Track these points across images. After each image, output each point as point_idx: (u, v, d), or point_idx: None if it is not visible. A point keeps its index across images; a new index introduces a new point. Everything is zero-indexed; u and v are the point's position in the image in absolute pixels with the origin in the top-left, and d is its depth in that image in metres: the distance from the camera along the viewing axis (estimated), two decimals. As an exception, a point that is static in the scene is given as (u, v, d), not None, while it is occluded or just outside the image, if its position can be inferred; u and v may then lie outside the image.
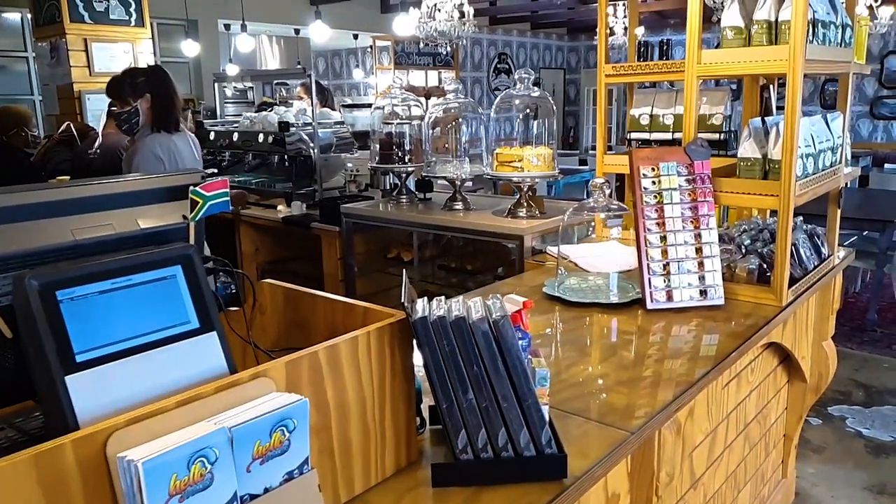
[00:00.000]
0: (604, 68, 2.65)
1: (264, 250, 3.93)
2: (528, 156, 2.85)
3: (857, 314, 5.10)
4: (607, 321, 1.95)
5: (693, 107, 2.10)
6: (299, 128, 3.85)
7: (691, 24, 2.04)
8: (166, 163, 2.64)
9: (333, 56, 11.83)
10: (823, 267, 2.34)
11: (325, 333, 1.21)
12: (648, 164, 2.04)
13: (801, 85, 1.88)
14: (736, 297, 2.07)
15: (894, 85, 10.09)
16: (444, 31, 6.49)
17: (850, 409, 3.70)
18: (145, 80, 2.78)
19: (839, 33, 2.12)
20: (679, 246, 1.99)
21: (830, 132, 2.25)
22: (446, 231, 2.96)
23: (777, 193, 1.95)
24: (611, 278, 2.19)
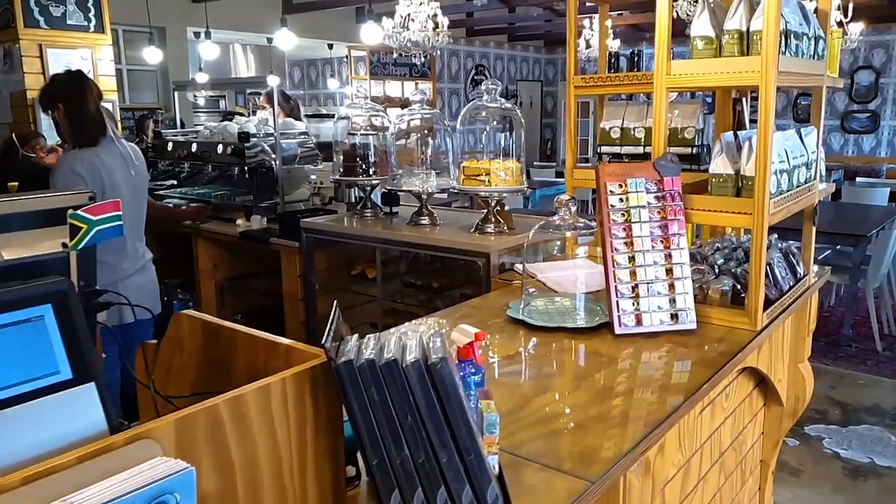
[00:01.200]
0: (573, 80, 2.55)
1: (223, 266, 3.77)
2: (496, 169, 2.73)
3: (832, 329, 5.05)
4: (573, 348, 1.83)
5: (662, 120, 1.99)
6: (261, 138, 3.70)
7: (660, 33, 1.94)
8: (88, 180, 2.39)
9: (309, 65, 11.70)
10: (799, 287, 2.24)
11: (246, 375, 1.07)
12: (616, 181, 1.92)
13: (774, 98, 1.78)
14: (709, 320, 1.96)
15: (864, 100, 10.19)
16: (417, 41, 6.40)
17: (827, 429, 3.62)
18: (57, 88, 2.53)
19: (812, 45, 2.03)
20: (648, 267, 1.88)
21: (804, 147, 2.16)
22: (410, 247, 2.83)
23: (750, 211, 1.84)
24: (578, 300, 2.07)
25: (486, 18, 10.20)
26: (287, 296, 3.31)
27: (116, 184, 2.48)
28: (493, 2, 8.20)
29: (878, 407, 3.85)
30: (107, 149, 2.50)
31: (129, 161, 2.54)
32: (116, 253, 2.50)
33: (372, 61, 9.55)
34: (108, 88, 4.58)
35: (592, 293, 2.10)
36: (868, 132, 10.25)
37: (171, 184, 4.13)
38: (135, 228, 2.60)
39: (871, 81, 10.08)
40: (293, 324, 3.32)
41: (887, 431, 3.57)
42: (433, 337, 1.01)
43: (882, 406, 3.86)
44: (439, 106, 10.86)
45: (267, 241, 3.32)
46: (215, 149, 3.60)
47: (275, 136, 3.55)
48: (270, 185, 3.65)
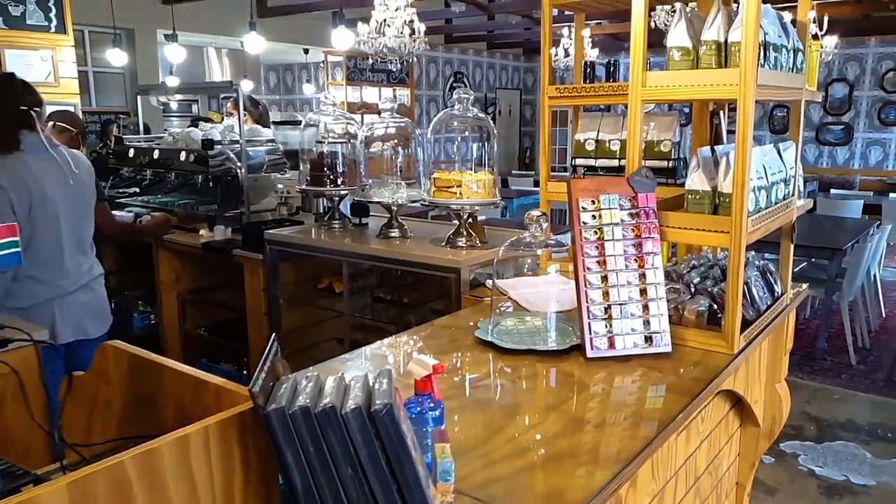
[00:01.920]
0: (547, 90, 2.47)
1: (186, 278, 3.63)
2: (468, 181, 2.64)
3: (808, 342, 5.03)
4: (543, 372, 1.74)
5: (637, 134, 1.91)
6: (226, 145, 3.57)
7: (635, 43, 1.86)
8: (11, 190, 2.17)
9: (285, 70, 11.55)
10: (777, 306, 2.18)
11: (175, 415, 0.96)
12: (588, 197, 1.84)
13: (753, 112, 1.71)
14: (685, 342, 1.89)
15: (838, 112, 10.29)
16: (393, 47, 6.30)
17: (803, 446, 3.57)
18: None
19: (791, 58, 1.97)
20: (622, 287, 1.80)
21: (783, 162, 2.09)
22: (377, 261, 2.73)
23: (727, 230, 1.77)
24: (549, 320, 1.98)
25: (464, 25, 10.14)
26: (250, 310, 3.18)
27: (48, 195, 2.27)
28: (471, 9, 8.14)
29: (852, 423, 3.81)
30: (38, 156, 2.27)
31: (68, 170, 2.32)
32: (52, 269, 2.32)
33: (349, 67, 9.43)
34: (69, 91, 4.42)
35: (565, 312, 2.02)
36: (842, 144, 10.35)
37: (134, 192, 3.98)
38: (76, 242, 2.40)
39: (844, 94, 10.19)
40: (257, 340, 3.20)
41: (862, 448, 3.53)
42: (380, 378, 0.91)
43: (856, 421, 3.82)
44: (417, 113, 10.77)
45: (230, 252, 3.19)
46: (178, 156, 3.46)
47: (240, 143, 3.42)
48: (236, 195, 3.52)
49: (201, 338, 3.70)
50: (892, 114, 9.92)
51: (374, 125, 2.90)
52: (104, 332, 2.46)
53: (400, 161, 2.88)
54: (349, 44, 5.57)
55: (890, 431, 3.70)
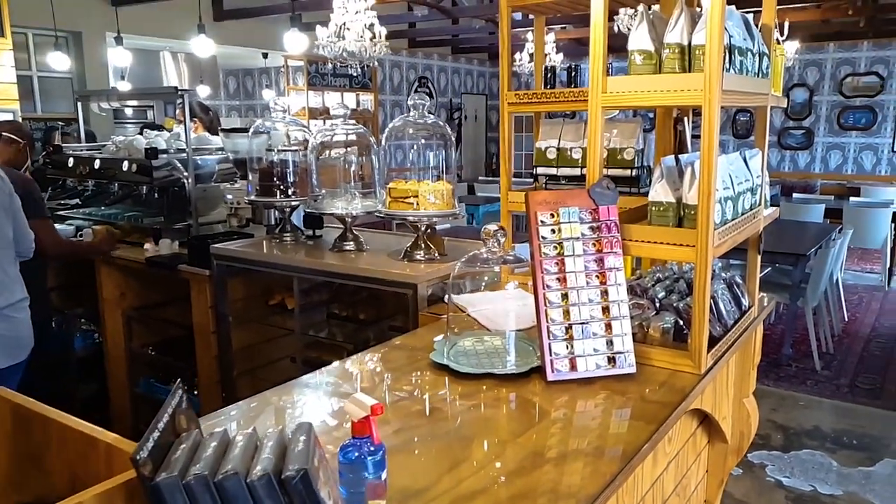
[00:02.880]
0: (506, 96, 2.36)
1: (131, 294, 3.43)
2: (424, 192, 2.52)
3: (773, 348, 5.01)
4: (501, 399, 1.62)
5: (597, 142, 1.82)
6: (172, 154, 3.40)
7: (595, 46, 1.76)
8: None
9: (245, 75, 11.32)
10: (745, 320, 2.10)
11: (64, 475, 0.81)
12: (547, 210, 1.73)
13: (719, 119, 1.62)
14: (650, 361, 1.79)
15: (799, 116, 10.44)
16: (353, 51, 6.15)
17: (770, 455, 3.52)
18: None
19: (756, 62, 1.89)
20: (583, 305, 1.69)
21: (749, 171, 2.02)
22: (328, 276, 2.59)
23: (693, 243, 1.68)
24: (508, 339, 1.86)
25: (428, 30, 10.04)
26: (198, 329, 3.01)
27: None
28: (434, 12, 8.03)
29: (818, 430, 3.78)
30: None
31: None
32: None
33: (309, 71, 9.24)
34: (8, 97, 4.20)
35: (526, 330, 1.91)
36: (803, 148, 10.49)
37: (76, 203, 3.77)
38: None
39: (805, 99, 10.34)
40: (205, 360, 3.03)
41: (828, 456, 3.49)
42: (297, 434, 0.78)
43: (822, 429, 3.79)
44: (381, 118, 10.62)
45: (175, 268, 3.02)
46: (120, 166, 3.27)
47: (187, 151, 3.25)
48: (183, 206, 3.34)
49: (148, 357, 3.51)
50: (851, 118, 10.09)
51: (325, 132, 2.75)
52: (19, 361, 2.27)
53: (353, 170, 2.74)
54: (304, 47, 5.43)
55: (855, 438, 3.67)
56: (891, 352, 5.04)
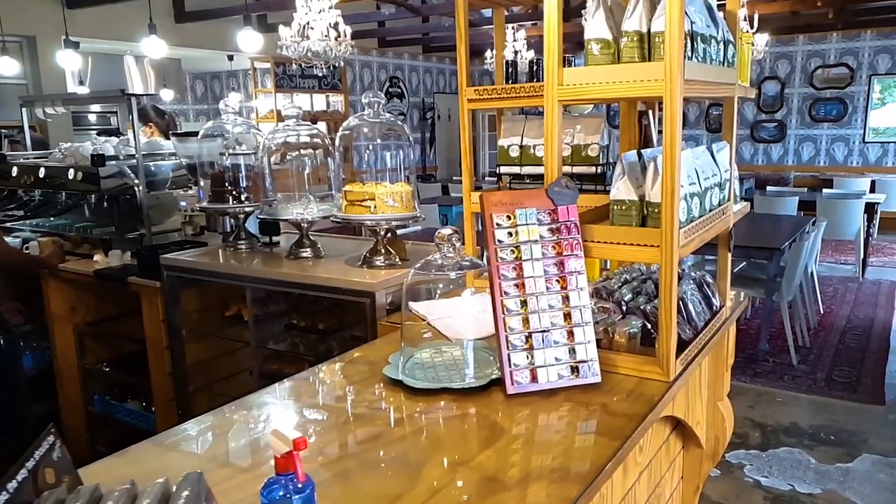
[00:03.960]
0: (465, 92, 2.25)
1: (83, 309, 3.27)
2: (382, 195, 2.40)
3: (749, 343, 4.96)
4: (458, 416, 1.51)
5: (555, 139, 1.71)
6: (122, 161, 3.24)
7: (549, 36, 1.66)
8: None
9: (212, 78, 11.10)
10: (716, 321, 2.00)
11: None
12: (503, 212, 1.62)
13: (680, 110, 1.52)
14: (616, 369, 1.69)
15: (771, 109, 10.46)
16: (318, 51, 6.01)
17: (748, 455, 3.45)
18: None
19: (721, 50, 1.80)
20: (543, 312, 1.58)
21: (717, 165, 1.92)
22: (281, 286, 2.46)
23: (657, 244, 1.57)
24: (467, 350, 1.75)
25: (398, 28, 9.90)
26: (150, 343, 2.86)
27: None
28: (402, 11, 7.90)
29: (796, 426, 3.72)
30: None
31: None
32: None
33: (277, 73, 9.07)
34: (-49, 104, 3.99)
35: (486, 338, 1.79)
36: (776, 141, 10.52)
37: (22, 213, 3.59)
38: None
39: (776, 92, 10.36)
40: (158, 376, 2.88)
41: (806, 453, 3.43)
42: (182, 486, 0.66)
43: (800, 425, 3.73)
44: (352, 119, 10.47)
45: (125, 280, 2.87)
46: (66, 174, 3.11)
47: (137, 157, 3.10)
48: (135, 215, 3.19)
49: (103, 374, 3.35)
50: (822, 110, 10.13)
51: (276, 134, 2.62)
52: None
53: (308, 173, 2.61)
54: (259, 47, 5.28)
55: (833, 434, 3.61)
56: (866, 343, 5.02)
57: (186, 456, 1.36)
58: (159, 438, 1.43)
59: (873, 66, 9.73)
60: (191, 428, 1.46)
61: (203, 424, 1.49)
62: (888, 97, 10.01)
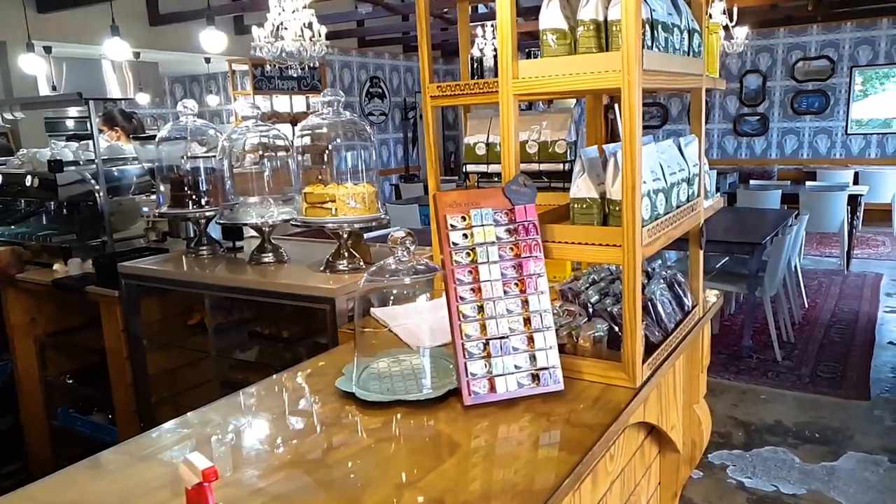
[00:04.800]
0: (428, 88, 2.16)
1: (43, 320, 3.16)
2: (343, 196, 2.31)
3: (733, 339, 4.90)
4: (411, 432, 1.42)
5: (511, 135, 1.63)
6: (83, 166, 3.14)
7: (503, 27, 1.58)
8: None
9: (191, 81, 10.97)
10: (688, 322, 1.93)
11: None
12: (457, 213, 1.54)
13: (640, 103, 1.45)
14: (581, 375, 1.61)
15: (753, 102, 10.44)
16: (292, 52, 5.91)
17: (731, 455, 3.38)
18: None
19: (685, 39, 1.72)
20: (501, 318, 1.50)
21: (685, 160, 1.85)
22: (238, 293, 2.36)
23: (619, 243, 1.50)
24: (424, 357, 1.67)
25: (377, 28, 9.80)
26: (110, 354, 2.76)
27: None
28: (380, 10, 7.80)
29: (780, 424, 3.66)
30: None
31: None
32: None
33: (255, 75, 8.95)
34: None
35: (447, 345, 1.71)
36: (758, 134, 10.50)
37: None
38: None
39: (758, 85, 10.34)
40: (120, 388, 2.78)
41: (790, 452, 3.37)
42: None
43: (784, 423, 3.67)
44: (333, 120, 10.36)
45: (83, 290, 2.76)
46: (23, 181, 3.01)
47: (97, 163, 3.00)
48: (97, 221, 3.08)
49: (66, 386, 3.24)
50: (804, 103, 10.12)
51: (235, 135, 2.53)
52: None
53: (268, 175, 2.52)
54: (222, 47, 5.20)
55: (818, 431, 3.55)
56: (851, 337, 4.97)
57: (107, 483, 1.27)
58: (88, 463, 1.35)
59: (854, 57, 9.72)
60: (112, 454, 1.38)
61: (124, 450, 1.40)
62: (871, 89, 10.02)
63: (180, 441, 1.43)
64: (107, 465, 1.35)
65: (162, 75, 10.52)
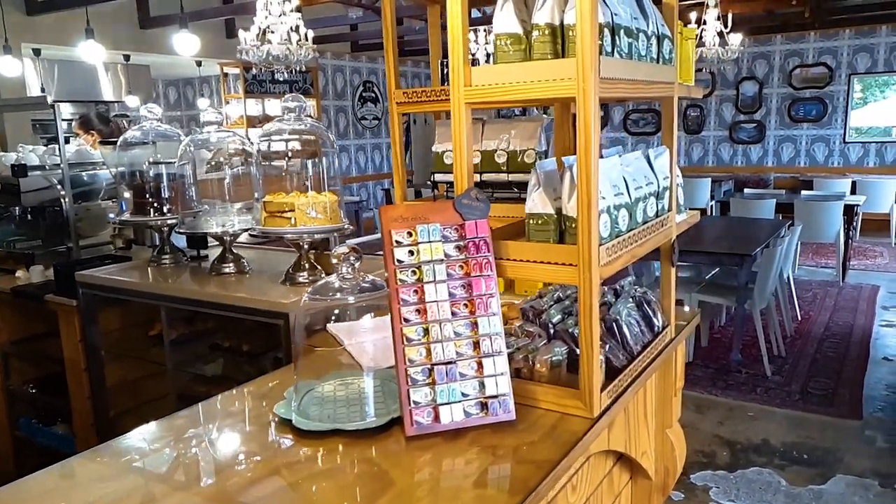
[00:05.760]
0: (394, 94, 2.08)
1: (7, 328, 3.06)
2: (302, 205, 2.21)
3: (722, 352, 4.79)
4: (345, 464, 1.32)
5: (463, 146, 1.53)
6: (49, 170, 3.05)
7: (453, 30, 1.48)
8: None
9: (185, 85, 10.89)
10: (658, 343, 1.83)
11: None
12: (403, 227, 1.44)
13: (597, 113, 1.35)
14: (536, 402, 1.51)
15: (749, 110, 10.35)
16: (278, 55, 5.83)
17: (714, 476, 3.27)
18: None
19: (652, 45, 1.63)
20: (448, 342, 1.40)
21: (654, 173, 1.75)
22: (193, 305, 2.27)
23: (575, 262, 1.40)
24: (366, 383, 1.57)
25: (371, 32, 9.71)
26: (69, 365, 2.66)
27: None
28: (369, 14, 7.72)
29: (767, 444, 3.54)
30: None
31: None
32: None
33: (246, 78, 8.87)
34: None
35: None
36: (755, 142, 10.40)
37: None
38: None
39: (755, 92, 10.24)
40: (79, 401, 2.69)
41: (776, 473, 3.26)
42: None
43: (771, 442, 3.56)
44: (325, 125, 10.27)
45: (41, 298, 2.67)
46: (-15, 185, 2.92)
47: (62, 167, 2.91)
48: (64, 227, 2.99)
49: (29, 395, 3.14)
50: (802, 110, 10.02)
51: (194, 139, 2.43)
52: None
53: (228, 182, 2.43)
54: (195, 49, 5.13)
55: (806, 452, 3.44)
56: (845, 351, 4.86)
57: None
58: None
59: (852, 65, 9.62)
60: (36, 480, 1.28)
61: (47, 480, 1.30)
62: (870, 96, 9.92)
63: (101, 476, 1.33)
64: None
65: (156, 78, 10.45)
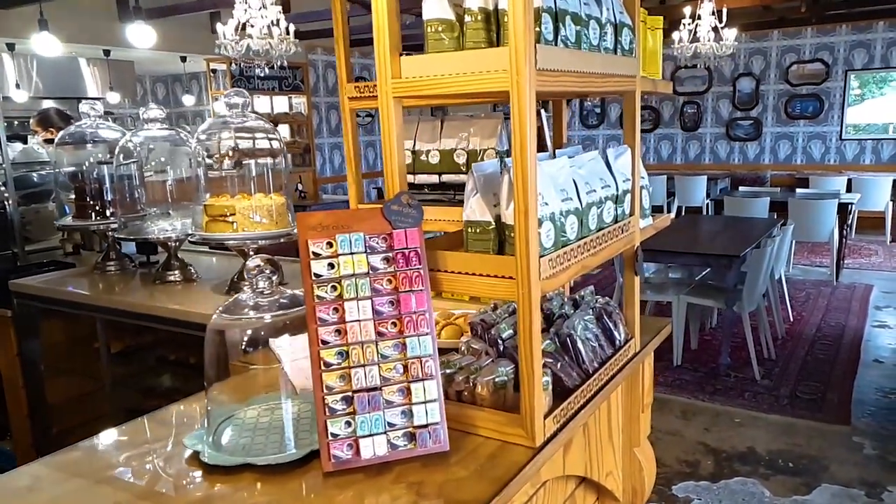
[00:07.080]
0: (346, 89, 1.93)
1: (-50, 337, 2.92)
2: (244, 209, 2.06)
3: (711, 356, 4.64)
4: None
5: (394, 145, 1.38)
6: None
7: (378, 17, 1.33)
8: None
9: (173, 81, 10.73)
10: (619, 359, 1.68)
11: None
12: (322, 237, 1.29)
13: (533, 108, 1.20)
14: (475, 429, 1.36)
15: (746, 107, 10.18)
16: (258, 50, 5.68)
17: (697, 487, 3.12)
18: None
19: (607, 34, 1.47)
20: (371, 366, 1.25)
21: (612, 175, 1.60)
22: (128, 318, 2.12)
23: (514, 275, 1.25)
24: (284, 407, 1.43)
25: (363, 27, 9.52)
26: (7, 382, 2.52)
27: None
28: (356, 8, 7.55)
29: (752, 452, 3.40)
30: None
31: None
32: None
33: (234, 74, 8.71)
34: None
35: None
36: (752, 139, 10.23)
37: None
38: None
39: (752, 88, 10.07)
40: (17, 419, 2.54)
41: (760, 484, 3.11)
42: None
43: (757, 450, 3.41)
44: (316, 122, 10.12)
45: (-24, 308, 2.52)
46: (-77, 187, 2.77)
47: (4, 168, 2.75)
48: (8, 231, 2.84)
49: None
50: (798, 107, 9.85)
51: (131, 139, 2.28)
52: None
53: (171, 184, 2.28)
54: (151, 42, 4.99)
55: (791, 461, 3.30)
56: (835, 354, 4.71)
57: None
58: None
59: (849, 61, 9.45)
60: None
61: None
62: (868, 93, 9.75)
63: None
64: None
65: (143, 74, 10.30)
